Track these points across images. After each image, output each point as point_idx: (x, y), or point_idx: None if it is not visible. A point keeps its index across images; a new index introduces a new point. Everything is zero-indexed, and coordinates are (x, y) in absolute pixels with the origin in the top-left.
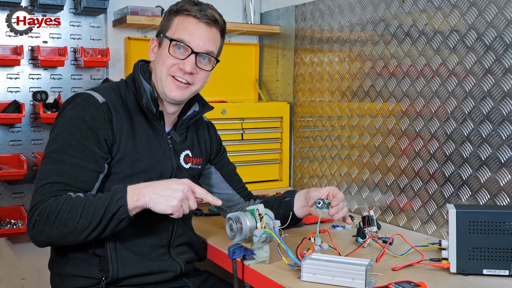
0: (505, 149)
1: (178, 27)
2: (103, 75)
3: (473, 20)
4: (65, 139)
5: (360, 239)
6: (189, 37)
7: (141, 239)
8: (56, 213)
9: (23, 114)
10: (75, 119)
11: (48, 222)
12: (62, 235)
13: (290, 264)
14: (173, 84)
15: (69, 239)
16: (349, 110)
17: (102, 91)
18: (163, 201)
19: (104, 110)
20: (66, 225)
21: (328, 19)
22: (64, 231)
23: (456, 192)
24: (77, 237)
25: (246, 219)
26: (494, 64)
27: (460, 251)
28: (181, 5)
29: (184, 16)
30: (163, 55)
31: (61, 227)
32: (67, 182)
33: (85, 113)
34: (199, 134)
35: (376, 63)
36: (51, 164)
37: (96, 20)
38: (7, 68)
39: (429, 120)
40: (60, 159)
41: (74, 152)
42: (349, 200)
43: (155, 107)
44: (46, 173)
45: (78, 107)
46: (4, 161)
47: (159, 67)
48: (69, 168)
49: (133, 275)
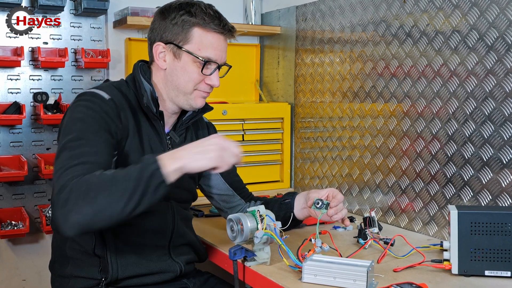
0: (507, 150)
1: (202, 43)
2: (103, 76)
3: (475, 21)
4: (79, 129)
5: (361, 240)
6: (215, 53)
7: (141, 240)
8: (86, 186)
9: (23, 116)
10: (87, 111)
11: (80, 196)
12: (97, 210)
13: (291, 265)
14: (200, 96)
15: (105, 215)
16: (350, 111)
17: (105, 89)
18: (200, 157)
19: (111, 105)
20: (99, 196)
21: (329, 19)
22: (98, 204)
23: (457, 193)
24: (113, 210)
25: (247, 220)
26: (496, 65)
27: (461, 252)
28: (200, 16)
29: (206, 30)
30: (188, 71)
31: (94, 200)
32: (91, 161)
33: (95, 106)
34: (199, 134)
35: (377, 63)
36: (70, 151)
37: (96, 21)
38: (8, 69)
39: (431, 121)
40: (79, 144)
41: (92, 136)
42: (350, 201)
43: (155, 107)
44: (66, 160)
45: (87, 102)
46: (5, 163)
47: (183, 82)
48: (89, 150)
49: (132, 275)
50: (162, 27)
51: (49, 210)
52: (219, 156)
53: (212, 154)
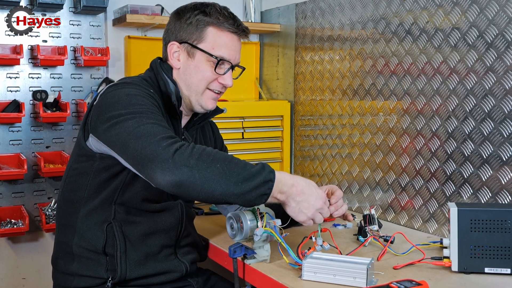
0: (506, 147)
1: (216, 42)
2: (103, 74)
3: (474, 18)
4: (141, 102)
5: (361, 237)
6: (229, 53)
7: (151, 239)
8: (198, 150)
9: (23, 114)
10: (133, 92)
11: (201, 159)
12: (207, 178)
13: (291, 263)
14: (210, 96)
15: (208, 186)
16: (350, 108)
17: (136, 81)
18: (297, 212)
19: (151, 92)
20: (215, 164)
21: (328, 17)
22: (212, 170)
23: (457, 191)
24: (216, 187)
25: (247, 218)
26: (496, 62)
27: (461, 249)
28: (215, 16)
29: (220, 30)
30: (202, 69)
31: (209, 164)
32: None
33: (139, 90)
34: (205, 133)
35: (377, 61)
36: (136, 118)
37: (96, 19)
38: (7, 67)
39: (430, 118)
40: (141, 112)
41: (148, 106)
42: (350, 199)
43: (179, 105)
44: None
45: (129, 86)
46: (4, 161)
47: (196, 80)
48: (155, 117)
49: (140, 276)
50: (177, 27)
51: (48, 208)
52: (313, 215)
53: (310, 214)
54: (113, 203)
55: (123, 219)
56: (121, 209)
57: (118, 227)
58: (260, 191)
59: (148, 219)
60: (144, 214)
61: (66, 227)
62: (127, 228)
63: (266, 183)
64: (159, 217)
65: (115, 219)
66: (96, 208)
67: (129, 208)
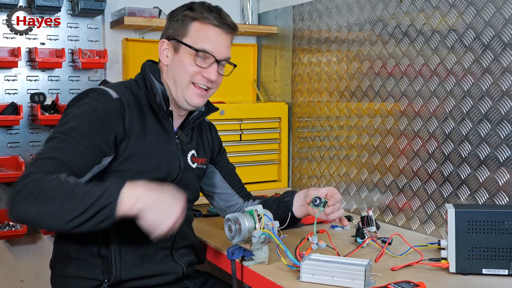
0: (503, 149)
1: (198, 35)
2: (101, 76)
3: (471, 20)
4: (73, 125)
5: (359, 239)
6: (212, 46)
7: (146, 241)
8: (43, 187)
9: (21, 116)
10: (88, 109)
11: (33, 194)
12: (41, 214)
13: (289, 264)
14: (194, 91)
15: (47, 222)
16: (348, 110)
17: (115, 87)
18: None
19: (117, 105)
20: (49, 203)
21: (326, 19)
22: (44, 210)
23: (455, 192)
24: (55, 221)
25: (245, 219)
26: (492, 64)
27: (459, 250)
28: (199, 11)
29: (203, 24)
30: (184, 63)
31: (43, 204)
32: (64, 160)
33: (98, 105)
34: (203, 134)
35: (374, 63)
36: (54, 142)
37: (93, 21)
38: (5, 70)
39: (428, 120)
40: (64, 139)
41: (78, 136)
42: (348, 200)
43: (166, 106)
44: (46, 149)
45: (92, 100)
46: (2, 163)
47: (180, 74)
48: (70, 148)
49: (135, 277)
50: (167, 26)
51: None
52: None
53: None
54: None
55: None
56: None
57: (111, 229)
58: (102, 216)
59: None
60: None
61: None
62: (121, 230)
63: (108, 207)
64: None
65: None
66: None
67: None
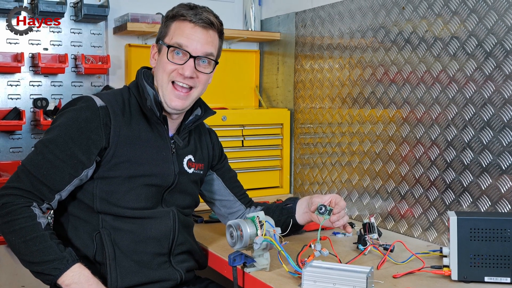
0: (506, 156)
1: (175, 32)
2: (103, 82)
3: (473, 27)
4: (53, 136)
5: (361, 246)
6: (186, 41)
7: (142, 247)
8: (14, 218)
9: (23, 121)
10: (70, 119)
11: (7, 226)
12: (7, 240)
13: (290, 271)
14: (173, 93)
15: (11, 248)
16: (350, 116)
17: (103, 96)
18: None
19: (100, 114)
20: (13, 244)
21: (328, 25)
22: (8, 238)
23: (457, 199)
24: (16, 253)
25: (247, 226)
26: (495, 71)
27: (461, 258)
28: (177, 10)
29: (180, 21)
30: (162, 61)
31: (8, 238)
32: (38, 177)
33: (80, 114)
34: (202, 140)
35: (376, 69)
36: (34, 153)
37: (96, 27)
38: (8, 75)
39: (430, 127)
40: (42, 151)
41: (55, 149)
42: (349, 207)
43: (159, 111)
44: (27, 160)
45: (76, 109)
46: (5, 168)
47: (160, 74)
48: (44, 163)
49: (132, 284)
50: (158, 31)
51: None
52: None
53: None
54: (96, 212)
55: (111, 227)
56: (108, 217)
57: (107, 235)
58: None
59: (137, 226)
60: (132, 222)
61: (61, 237)
62: (116, 236)
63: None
64: (148, 225)
65: (103, 227)
66: (80, 219)
67: (116, 216)
